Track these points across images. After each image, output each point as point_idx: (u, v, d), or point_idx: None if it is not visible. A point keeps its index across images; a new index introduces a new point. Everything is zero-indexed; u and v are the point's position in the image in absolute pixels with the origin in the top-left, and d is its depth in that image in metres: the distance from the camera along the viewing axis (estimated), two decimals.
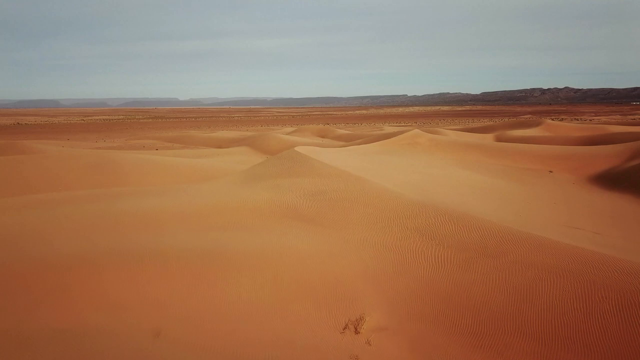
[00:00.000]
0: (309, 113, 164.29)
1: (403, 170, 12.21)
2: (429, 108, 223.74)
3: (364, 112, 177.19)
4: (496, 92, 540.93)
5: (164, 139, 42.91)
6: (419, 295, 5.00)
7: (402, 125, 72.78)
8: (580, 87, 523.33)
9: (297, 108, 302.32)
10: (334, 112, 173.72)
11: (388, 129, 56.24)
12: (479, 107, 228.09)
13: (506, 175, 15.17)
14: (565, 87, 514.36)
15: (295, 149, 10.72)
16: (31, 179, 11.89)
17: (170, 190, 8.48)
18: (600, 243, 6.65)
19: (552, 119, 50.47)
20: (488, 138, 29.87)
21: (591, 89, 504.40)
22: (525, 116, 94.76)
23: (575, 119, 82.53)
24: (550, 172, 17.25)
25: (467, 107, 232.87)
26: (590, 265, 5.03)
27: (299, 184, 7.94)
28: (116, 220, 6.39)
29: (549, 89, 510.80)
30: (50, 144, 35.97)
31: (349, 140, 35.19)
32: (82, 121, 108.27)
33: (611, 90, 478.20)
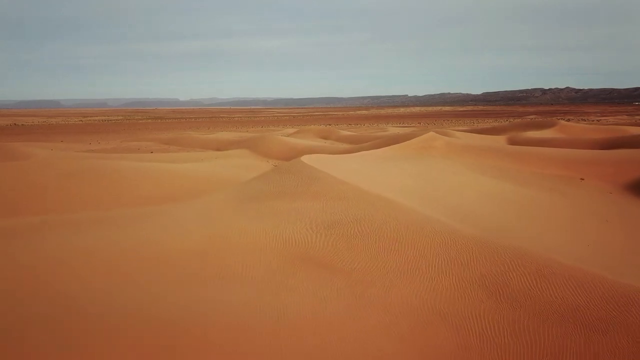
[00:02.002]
0: (310, 113, 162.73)
1: (425, 181, 10.52)
2: (430, 108, 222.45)
3: (365, 112, 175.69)
4: (497, 92, 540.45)
5: (161, 141, 41.28)
6: None
7: (406, 126, 71.25)
8: (581, 87, 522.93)
9: (297, 108, 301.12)
10: (335, 113, 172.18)
11: (392, 129, 54.66)
12: (481, 107, 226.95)
13: (538, 184, 13.46)
14: (567, 87, 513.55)
15: (302, 159, 8.94)
16: None
17: (142, 216, 6.71)
18: None
19: (558, 119, 48.87)
20: (500, 140, 28.23)
21: (592, 89, 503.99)
22: (530, 117, 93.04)
23: (582, 119, 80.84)
24: (582, 179, 15.56)
25: (469, 107, 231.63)
26: None
27: (309, 210, 6.12)
28: (60, 265, 4.67)
29: (550, 89, 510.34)
30: (41, 147, 34.46)
31: (353, 142, 33.47)
32: (80, 122, 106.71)
33: (612, 90, 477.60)
